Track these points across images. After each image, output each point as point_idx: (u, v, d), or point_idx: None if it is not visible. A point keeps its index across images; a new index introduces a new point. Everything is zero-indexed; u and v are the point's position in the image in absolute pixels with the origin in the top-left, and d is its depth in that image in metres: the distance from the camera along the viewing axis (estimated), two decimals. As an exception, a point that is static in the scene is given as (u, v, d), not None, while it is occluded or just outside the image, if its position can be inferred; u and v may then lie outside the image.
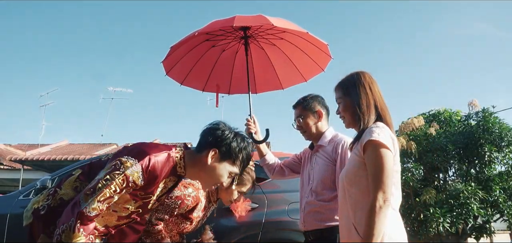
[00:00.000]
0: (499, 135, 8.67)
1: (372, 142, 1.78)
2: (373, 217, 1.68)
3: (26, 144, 17.69)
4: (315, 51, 3.26)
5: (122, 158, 1.72)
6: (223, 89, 3.58)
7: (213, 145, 1.88)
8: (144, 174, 1.72)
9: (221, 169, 1.90)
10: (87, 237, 1.64)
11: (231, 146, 1.90)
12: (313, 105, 2.72)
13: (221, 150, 1.89)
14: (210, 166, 1.88)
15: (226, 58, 3.41)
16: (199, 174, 1.93)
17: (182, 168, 1.89)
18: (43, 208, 1.81)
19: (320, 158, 2.64)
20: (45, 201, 1.84)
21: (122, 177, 1.68)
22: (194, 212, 2.51)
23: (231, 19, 2.88)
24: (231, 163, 1.92)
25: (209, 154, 1.87)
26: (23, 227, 3.42)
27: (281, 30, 3.09)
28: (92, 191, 1.66)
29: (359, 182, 1.85)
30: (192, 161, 1.91)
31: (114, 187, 1.67)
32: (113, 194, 1.68)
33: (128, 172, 1.69)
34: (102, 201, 1.66)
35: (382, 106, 1.95)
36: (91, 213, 1.64)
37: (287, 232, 3.42)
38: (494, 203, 8.45)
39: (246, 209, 3.36)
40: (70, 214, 1.64)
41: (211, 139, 1.90)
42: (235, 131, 1.97)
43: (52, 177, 3.73)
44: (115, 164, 1.71)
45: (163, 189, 1.89)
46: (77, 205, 1.65)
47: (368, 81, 1.97)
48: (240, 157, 1.93)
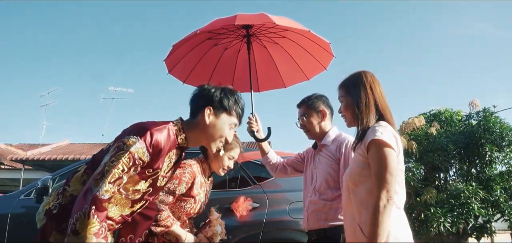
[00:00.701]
0: (500, 135, 8.66)
1: (375, 141, 1.79)
2: (377, 216, 1.68)
3: (27, 144, 17.71)
4: (318, 49, 3.26)
5: (124, 139, 1.74)
6: None
7: (206, 104, 1.93)
8: (148, 149, 1.74)
9: (220, 122, 1.95)
10: (100, 224, 1.64)
11: (222, 98, 1.96)
12: (317, 105, 2.72)
13: (215, 105, 1.94)
14: (209, 124, 1.92)
15: (228, 56, 3.42)
16: (201, 137, 1.96)
17: (183, 139, 1.93)
18: (55, 207, 1.81)
19: (324, 157, 2.63)
20: (56, 200, 1.84)
21: (128, 155, 1.70)
22: (193, 189, 2.52)
23: (232, 17, 2.88)
24: (228, 114, 1.97)
25: (205, 114, 1.92)
26: (24, 225, 3.43)
27: (283, 28, 3.09)
28: (101, 175, 1.67)
29: (363, 182, 1.85)
30: (191, 127, 1.95)
31: (122, 166, 1.69)
32: (122, 174, 1.70)
33: (133, 149, 1.71)
34: (112, 182, 1.68)
35: (384, 106, 1.95)
36: (105, 195, 1.65)
37: (288, 231, 3.42)
38: (495, 202, 8.44)
39: (247, 208, 3.37)
40: (83, 201, 1.64)
41: (202, 100, 1.96)
42: (221, 86, 2.03)
43: (53, 176, 3.73)
44: (118, 146, 1.73)
45: (169, 163, 1.91)
46: (89, 191, 1.65)
47: (369, 81, 1.97)
48: (234, 107, 1.98)
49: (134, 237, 2.00)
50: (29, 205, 3.68)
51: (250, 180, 3.67)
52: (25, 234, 3.56)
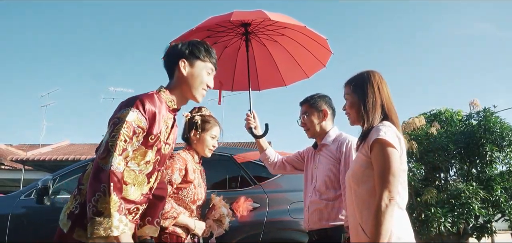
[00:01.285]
0: (500, 135, 8.65)
1: (378, 140, 1.79)
2: (379, 217, 1.68)
3: (27, 144, 17.72)
4: (316, 46, 3.25)
5: (117, 114, 1.78)
6: (226, 87, 3.59)
7: (179, 58, 1.99)
8: (143, 114, 1.80)
9: (197, 70, 2.01)
10: (119, 201, 1.68)
11: (191, 48, 2.02)
12: (319, 104, 2.73)
13: (187, 56, 2.00)
14: (187, 74, 1.99)
15: (228, 55, 3.41)
16: (183, 90, 2.02)
17: (171, 100, 1.99)
18: (76, 208, 1.81)
19: (324, 157, 2.64)
20: (75, 201, 1.85)
21: (126, 126, 1.74)
22: (189, 175, 2.55)
23: (228, 14, 2.88)
24: (202, 61, 2.03)
25: (180, 67, 1.98)
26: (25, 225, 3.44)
27: (281, 25, 3.09)
28: (106, 153, 1.70)
29: (366, 181, 1.85)
30: (173, 86, 2.02)
31: (124, 137, 1.72)
32: (126, 146, 1.74)
33: (129, 118, 1.75)
34: (121, 154, 1.71)
35: (389, 107, 1.95)
36: (119, 168, 1.70)
37: (289, 231, 3.42)
38: (495, 202, 8.43)
39: (247, 208, 3.36)
40: (97, 181, 1.67)
41: (173, 57, 2.02)
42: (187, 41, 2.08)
43: (53, 177, 3.73)
44: (113, 122, 1.76)
45: (165, 128, 1.95)
46: (100, 170, 1.68)
47: (377, 81, 1.97)
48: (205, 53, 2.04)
49: (152, 219, 2.07)
50: (29, 205, 3.68)
51: (250, 180, 3.67)
52: (25, 234, 3.57)
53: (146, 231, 2.05)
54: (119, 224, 1.65)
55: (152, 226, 2.08)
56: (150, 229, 2.07)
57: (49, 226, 3.56)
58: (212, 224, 2.72)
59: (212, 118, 2.74)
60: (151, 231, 2.09)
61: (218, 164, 3.91)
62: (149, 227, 2.07)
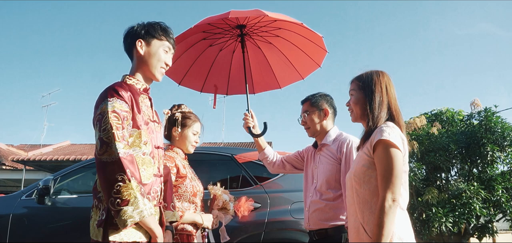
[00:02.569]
0: (502, 135, 8.65)
1: (382, 141, 1.78)
2: (382, 217, 1.68)
3: (28, 145, 17.74)
4: (311, 46, 3.23)
5: (98, 111, 1.80)
6: (221, 90, 3.56)
7: (135, 39, 2.01)
8: (121, 98, 1.82)
9: (154, 48, 2.02)
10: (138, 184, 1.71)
11: (147, 28, 2.03)
12: (321, 103, 2.72)
13: (142, 36, 2.01)
14: (144, 54, 2.00)
15: (223, 57, 3.39)
16: (143, 69, 2.03)
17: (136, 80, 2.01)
18: (102, 215, 1.78)
19: (325, 157, 2.63)
20: (99, 211, 1.82)
21: (111, 115, 1.75)
22: (180, 170, 2.58)
23: (226, 13, 2.87)
24: (159, 39, 2.04)
25: (137, 47, 2.00)
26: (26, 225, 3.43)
27: (277, 27, 3.08)
28: (105, 148, 1.71)
29: (368, 181, 1.84)
30: (133, 68, 2.04)
31: (115, 125, 1.74)
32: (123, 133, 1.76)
33: (110, 107, 1.77)
34: (121, 140, 1.73)
35: (396, 108, 1.95)
36: (127, 151, 1.73)
37: (290, 231, 3.41)
38: (497, 202, 8.43)
39: (248, 208, 3.36)
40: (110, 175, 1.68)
41: (130, 39, 2.04)
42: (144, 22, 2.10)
43: (54, 177, 3.73)
44: (98, 119, 1.77)
45: (146, 108, 1.97)
46: (108, 164, 1.69)
47: (386, 82, 1.97)
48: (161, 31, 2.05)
49: (168, 204, 2.14)
50: (30, 205, 3.68)
51: (251, 180, 3.66)
52: (26, 234, 3.57)
53: (166, 217, 2.09)
54: (144, 206, 1.69)
55: (169, 210, 2.14)
56: (168, 214, 2.12)
57: (50, 226, 3.58)
58: (218, 213, 2.75)
59: (192, 114, 2.77)
60: (170, 215, 2.14)
61: (219, 164, 3.91)
62: (167, 212, 2.12)
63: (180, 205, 2.51)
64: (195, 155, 2.81)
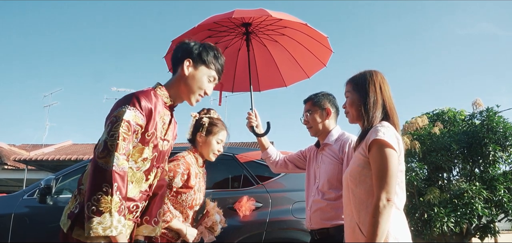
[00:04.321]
0: (503, 134, 8.64)
1: (377, 141, 1.78)
2: (376, 217, 1.68)
3: (30, 144, 17.77)
4: (316, 46, 3.24)
5: (114, 113, 1.77)
6: (226, 88, 3.58)
7: (185, 56, 1.97)
8: (140, 111, 1.78)
9: (199, 74, 1.98)
10: (121, 201, 1.68)
11: (201, 51, 1.99)
12: (323, 103, 2.72)
13: (194, 58, 1.97)
14: (188, 75, 1.96)
15: (229, 55, 3.39)
16: (181, 89, 1.99)
17: (168, 96, 1.97)
18: (76, 207, 1.80)
19: (327, 156, 2.62)
20: (75, 201, 1.84)
21: (125, 124, 1.73)
22: (190, 180, 2.53)
23: (230, 12, 2.87)
24: (207, 67, 2.00)
25: (184, 65, 1.96)
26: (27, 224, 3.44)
27: (282, 25, 3.08)
28: (106, 152, 1.69)
29: (363, 181, 1.84)
30: (171, 83, 2.00)
31: (122, 136, 1.71)
32: (126, 144, 1.73)
33: (126, 116, 1.74)
34: (123, 154, 1.71)
35: (391, 107, 1.95)
36: (124, 166, 1.70)
37: (292, 231, 3.41)
38: (499, 202, 8.42)
39: (250, 208, 3.36)
40: (98, 181, 1.66)
41: (180, 54, 2.00)
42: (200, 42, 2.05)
43: (56, 176, 3.74)
44: (111, 121, 1.75)
45: (163, 124, 1.94)
46: (101, 170, 1.67)
47: (379, 81, 1.97)
48: (213, 60, 2.01)
49: (150, 218, 2.05)
50: (32, 205, 3.69)
51: (253, 180, 3.66)
52: (28, 234, 3.57)
53: (143, 231, 2.02)
54: (117, 224, 1.65)
55: (149, 225, 2.05)
56: (147, 229, 2.04)
57: (51, 225, 3.58)
58: (204, 231, 2.68)
59: (220, 121, 2.71)
60: (148, 230, 2.05)
61: (220, 164, 3.91)
62: (146, 226, 2.04)
63: (172, 210, 2.47)
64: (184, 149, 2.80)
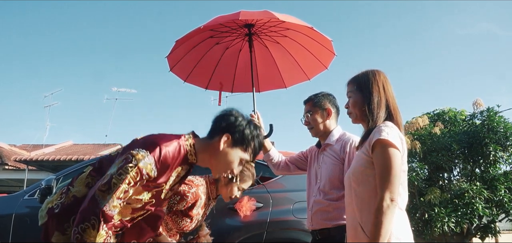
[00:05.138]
0: (504, 134, 8.64)
1: (381, 141, 1.77)
2: (380, 217, 1.67)
3: (31, 145, 17.75)
4: (319, 48, 3.24)
5: (133, 151, 1.72)
6: (226, 88, 3.58)
7: (226, 130, 1.88)
8: (156, 165, 1.72)
9: (233, 154, 1.90)
10: (107, 233, 1.65)
11: (244, 132, 1.90)
12: (323, 103, 2.71)
13: (234, 136, 1.89)
14: (222, 151, 1.88)
15: (229, 56, 3.40)
16: (210, 160, 1.92)
17: (193, 155, 1.89)
18: (57, 206, 1.80)
19: (328, 156, 2.62)
20: (59, 199, 1.83)
21: (136, 170, 1.68)
22: (193, 209, 2.50)
23: (236, 14, 2.87)
24: (243, 150, 1.92)
25: (222, 139, 1.87)
26: (28, 225, 3.44)
27: (285, 27, 3.08)
28: (107, 187, 1.66)
29: (366, 181, 1.83)
30: (203, 147, 1.91)
31: (129, 180, 1.67)
32: (128, 188, 1.69)
33: (141, 164, 1.69)
34: (120, 197, 1.67)
35: (394, 107, 1.94)
36: (113, 210, 1.65)
37: (292, 231, 3.41)
38: (499, 202, 8.41)
39: (251, 208, 3.36)
40: (90, 212, 1.63)
41: (224, 124, 1.90)
42: (248, 119, 1.97)
43: (57, 177, 3.74)
44: (126, 158, 1.70)
45: (175, 178, 1.88)
46: (95, 203, 1.64)
47: (382, 80, 1.96)
48: (252, 144, 1.93)
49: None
50: (33, 205, 3.69)
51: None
52: (29, 234, 3.57)
53: None
54: None
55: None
56: None
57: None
58: None
59: (249, 170, 2.65)
60: None
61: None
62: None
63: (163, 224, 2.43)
64: None
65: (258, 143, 1.96)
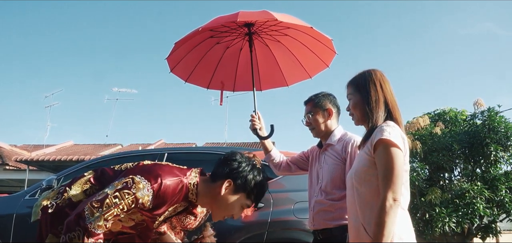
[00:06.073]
0: (505, 134, 8.62)
1: (383, 140, 1.77)
2: (383, 217, 1.67)
3: (31, 145, 17.77)
4: (320, 47, 3.24)
5: (135, 177, 1.70)
6: (228, 87, 3.57)
7: (229, 176, 1.86)
8: (154, 198, 1.71)
9: (234, 201, 1.88)
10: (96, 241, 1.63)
11: (247, 179, 1.88)
12: (324, 103, 2.71)
13: (236, 182, 1.87)
14: (223, 197, 1.86)
15: (230, 55, 3.40)
16: (210, 203, 1.91)
17: (194, 195, 1.86)
18: (52, 206, 1.80)
19: (329, 156, 2.62)
20: (54, 199, 1.84)
21: (132, 198, 1.67)
22: (198, 207, 2.50)
23: (234, 14, 2.87)
24: (245, 196, 1.90)
25: (223, 185, 1.85)
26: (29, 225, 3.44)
27: (285, 26, 3.08)
28: (99, 205, 1.64)
29: (369, 181, 1.83)
30: (205, 189, 1.88)
31: (123, 206, 1.66)
32: (120, 213, 1.67)
33: (139, 194, 1.67)
34: (109, 219, 1.65)
35: (393, 104, 1.94)
36: (97, 230, 1.62)
37: (293, 231, 3.41)
38: (500, 202, 8.40)
39: (251, 208, 3.35)
40: (74, 223, 1.62)
41: (227, 170, 1.88)
42: (253, 163, 1.94)
43: (58, 177, 3.74)
44: (127, 182, 1.69)
45: (172, 211, 1.87)
46: (82, 218, 1.62)
47: (379, 79, 1.96)
48: (255, 191, 1.90)
49: None
50: (34, 205, 3.69)
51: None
52: (30, 234, 3.57)
53: None
54: None
55: None
56: None
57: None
58: None
59: None
60: None
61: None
62: None
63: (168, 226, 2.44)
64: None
65: (261, 189, 1.93)
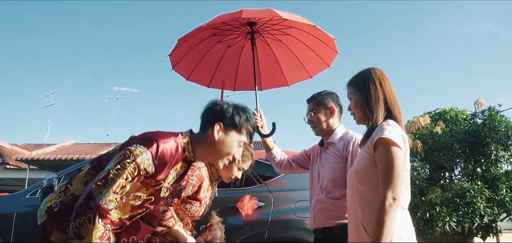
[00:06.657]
0: (506, 134, 8.61)
1: (383, 139, 1.77)
2: (382, 216, 1.67)
3: (32, 144, 17.77)
4: (321, 46, 3.24)
5: (131, 147, 1.74)
6: (228, 86, 3.58)
7: (216, 119, 1.91)
8: (154, 160, 1.74)
9: (229, 140, 1.92)
10: (105, 227, 1.65)
11: (233, 115, 1.93)
12: (327, 102, 2.71)
13: (225, 122, 1.91)
14: (218, 140, 1.90)
15: (231, 54, 3.40)
16: (208, 152, 1.95)
17: (191, 152, 1.91)
18: (56, 205, 1.81)
19: (331, 155, 2.62)
20: (58, 198, 1.85)
21: (134, 165, 1.69)
22: (200, 192, 2.50)
23: (238, 12, 2.87)
24: (238, 132, 1.94)
25: (214, 129, 1.90)
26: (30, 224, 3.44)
27: (288, 25, 3.08)
28: (104, 182, 1.67)
29: (369, 179, 1.83)
30: (199, 142, 1.94)
31: (126, 175, 1.69)
32: (125, 184, 1.70)
33: (139, 159, 1.70)
34: (117, 192, 1.67)
35: (392, 102, 1.94)
36: (109, 205, 1.66)
37: (294, 230, 3.41)
38: (501, 202, 8.38)
39: (252, 207, 3.36)
40: (85, 206, 1.64)
41: (213, 115, 1.93)
42: (233, 103, 2.00)
43: (58, 176, 3.74)
44: (124, 153, 1.72)
45: (174, 176, 1.90)
46: (91, 198, 1.65)
47: (378, 77, 1.96)
48: (245, 125, 1.96)
49: (136, 239, 1.99)
50: (34, 204, 3.70)
51: (255, 179, 3.66)
52: (30, 233, 3.58)
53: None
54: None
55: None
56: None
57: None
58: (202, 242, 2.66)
59: (249, 150, 2.65)
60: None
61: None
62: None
63: (175, 216, 2.45)
64: None
65: (250, 122, 1.99)
